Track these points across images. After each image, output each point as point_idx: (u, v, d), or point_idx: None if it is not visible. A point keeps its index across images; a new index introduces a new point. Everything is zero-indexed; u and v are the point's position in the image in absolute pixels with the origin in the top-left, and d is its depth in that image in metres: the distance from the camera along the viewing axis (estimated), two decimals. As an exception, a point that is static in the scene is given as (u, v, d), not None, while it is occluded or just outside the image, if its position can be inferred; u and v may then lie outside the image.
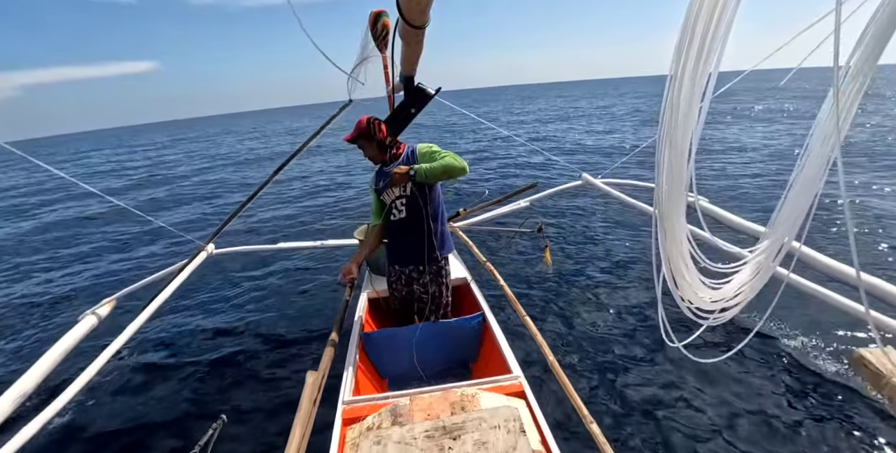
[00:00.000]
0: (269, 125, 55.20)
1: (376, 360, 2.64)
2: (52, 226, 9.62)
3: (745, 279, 1.38)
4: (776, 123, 16.21)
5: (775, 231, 1.31)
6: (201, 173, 16.29)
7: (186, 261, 3.78)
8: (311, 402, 1.93)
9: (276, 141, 29.23)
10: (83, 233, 8.80)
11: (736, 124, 16.37)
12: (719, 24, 0.91)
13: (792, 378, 2.97)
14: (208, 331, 4.28)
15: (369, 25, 2.80)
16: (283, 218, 8.67)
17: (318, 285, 5.12)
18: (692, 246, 1.22)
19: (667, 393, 2.89)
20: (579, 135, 16.72)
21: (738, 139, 13.02)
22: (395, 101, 3.18)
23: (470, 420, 1.60)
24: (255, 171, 15.40)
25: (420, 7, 1.31)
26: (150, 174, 17.53)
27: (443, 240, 2.59)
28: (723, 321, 1.36)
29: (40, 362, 2.66)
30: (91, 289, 5.87)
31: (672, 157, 1.04)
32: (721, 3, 0.89)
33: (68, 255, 7.50)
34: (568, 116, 26.79)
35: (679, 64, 0.96)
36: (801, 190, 1.20)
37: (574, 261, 5.13)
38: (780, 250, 1.29)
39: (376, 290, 3.14)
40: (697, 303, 1.31)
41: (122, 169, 20.74)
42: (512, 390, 1.98)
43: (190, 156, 23.86)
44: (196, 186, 13.22)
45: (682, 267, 1.21)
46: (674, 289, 1.24)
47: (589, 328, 3.72)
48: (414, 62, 2.51)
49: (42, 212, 11.22)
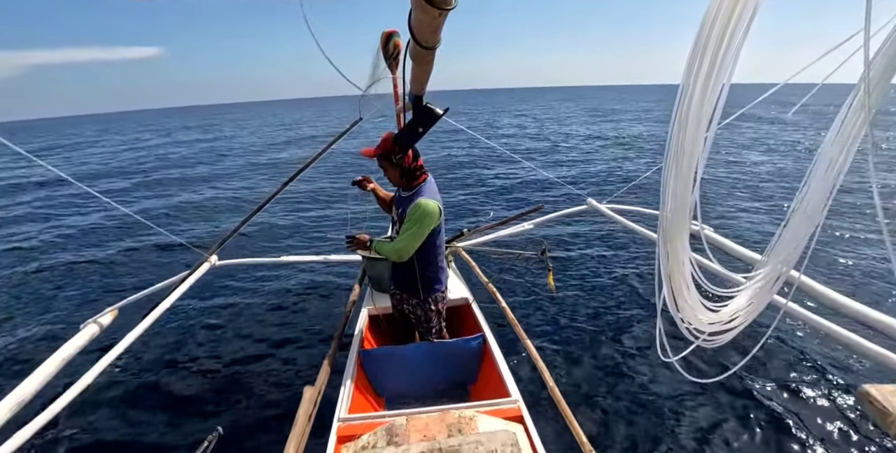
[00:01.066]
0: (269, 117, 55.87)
1: (374, 378, 2.61)
2: (57, 229, 9.67)
3: (741, 304, 1.38)
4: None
5: (773, 258, 1.32)
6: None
7: (189, 272, 3.78)
8: (306, 418, 1.91)
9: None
10: (89, 240, 8.84)
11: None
12: (727, 54, 0.92)
13: (799, 407, 2.92)
14: (208, 343, 4.26)
15: (381, 45, 2.87)
16: (288, 229, 8.69)
17: (319, 300, 5.10)
18: (694, 269, 1.23)
19: (671, 423, 2.84)
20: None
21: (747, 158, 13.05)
22: (403, 120, 3.23)
23: (467, 443, 1.57)
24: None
25: (431, 29, 1.33)
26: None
27: (430, 277, 2.45)
28: (719, 344, 1.37)
29: (40, 370, 2.64)
30: (92, 296, 5.87)
31: (677, 185, 1.05)
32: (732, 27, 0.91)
33: (71, 261, 7.53)
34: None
35: (687, 92, 0.98)
36: (801, 217, 1.21)
37: (577, 286, 5.10)
38: (777, 278, 1.29)
39: (377, 307, 3.13)
40: (696, 324, 1.32)
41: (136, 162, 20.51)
42: (510, 414, 1.95)
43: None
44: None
45: (683, 289, 1.21)
46: (674, 310, 1.25)
47: (590, 353, 3.68)
48: (423, 82, 2.55)
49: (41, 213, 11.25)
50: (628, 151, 15.96)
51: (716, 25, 0.91)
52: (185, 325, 4.67)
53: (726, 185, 10.12)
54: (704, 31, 0.92)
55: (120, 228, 9.46)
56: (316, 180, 13.10)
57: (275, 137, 28.54)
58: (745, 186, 9.99)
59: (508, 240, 5.11)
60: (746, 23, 0.90)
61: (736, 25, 0.90)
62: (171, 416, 3.14)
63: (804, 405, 2.98)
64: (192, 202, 11.65)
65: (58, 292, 6.21)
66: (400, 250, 2.25)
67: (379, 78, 3.01)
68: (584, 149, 17.06)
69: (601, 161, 14.11)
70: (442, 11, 1.16)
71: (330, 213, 9.80)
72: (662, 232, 1.14)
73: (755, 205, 8.23)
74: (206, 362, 3.87)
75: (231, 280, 5.80)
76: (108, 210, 10.65)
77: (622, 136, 20.10)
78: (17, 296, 6.21)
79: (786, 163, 12.70)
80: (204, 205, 11.31)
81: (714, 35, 0.91)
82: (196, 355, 4.03)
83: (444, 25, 1.31)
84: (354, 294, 3.26)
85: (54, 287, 6.44)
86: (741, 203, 8.40)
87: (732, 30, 0.91)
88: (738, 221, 7.42)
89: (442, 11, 1.16)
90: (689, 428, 2.77)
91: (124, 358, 3.77)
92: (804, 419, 2.86)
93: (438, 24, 1.28)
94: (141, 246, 8.13)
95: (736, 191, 9.58)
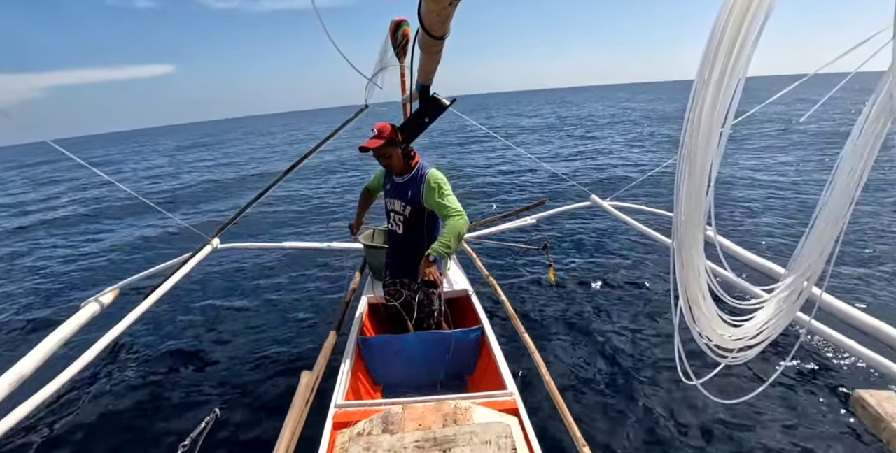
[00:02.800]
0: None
1: (372, 366, 2.63)
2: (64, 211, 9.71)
3: (767, 317, 1.31)
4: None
5: (798, 268, 1.26)
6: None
7: (191, 254, 3.81)
8: (303, 403, 1.93)
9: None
10: (93, 221, 8.88)
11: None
12: (740, 57, 0.89)
13: (793, 408, 2.92)
14: (207, 325, 4.29)
15: (390, 33, 2.84)
16: (291, 215, 8.70)
17: (319, 286, 5.12)
18: (710, 279, 1.16)
19: (665, 421, 2.85)
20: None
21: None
22: (409, 110, 3.21)
23: (461, 433, 1.58)
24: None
25: (441, 18, 1.32)
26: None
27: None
28: (745, 360, 1.30)
29: (40, 347, 2.68)
30: (94, 276, 5.91)
31: (690, 189, 1.00)
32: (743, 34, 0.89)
33: (75, 241, 7.57)
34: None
35: (700, 91, 0.95)
36: (824, 228, 1.15)
37: (577, 281, 5.10)
38: (802, 290, 1.24)
39: (377, 295, 3.14)
40: (716, 340, 1.25)
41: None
42: (505, 406, 1.97)
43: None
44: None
45: (700, 300, 1.15)
46: (692, 323, 1.18)
47: (587, 349, 3.68)
48: (431, 72, 2.53)
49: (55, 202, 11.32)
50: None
51: (731, 18, 0.88)
52: (186, 307, 4.70)
53: (741, 188, 9.83)
54: (720, 23, 0.90)
55: (123, 210, 9.49)
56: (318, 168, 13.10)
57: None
58: (760, 189, 9.68)
59: (510, 233, 5.11)
60: (764, 14, 0.86)
61: (753, 18, 0.87)
62: (169, 398, 3.16)
63: (798, 406, 2.99)
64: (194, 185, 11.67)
65: (59, 272, 6.26)
66: (459, 217, 2.28)
67: (386, 65, 2.99)
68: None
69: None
70: (452, 1, 1.15)
71: (332, 202, 9.81)
72: (677, 238, 1.07)
73: (767, 212, 7.98)
74: (205, 344, 3.90)
75: (233, 263, 5.82)
76: (111, 191, 10.67)
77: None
78: (17, 274, 6.25)
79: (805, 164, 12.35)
80: (208, 189, 11.33)
81: (730, 28, 0.88)
82: (195, 337, 4.06)
83: (454, 15, 1.30)
84: (355, 282, 3.27)
85: (55, 266, 6.48)
86: (752, 209, 8.16)
87: (749, 22, 0.88)
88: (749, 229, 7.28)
89: (452, 1, 1.15)
90: (682, 425, 2.78)
91: (124, 338, 3.80)
92: (799, 421, 2.86)
93: (448, 14, 1.27)
94: (144, 227, 8.17)
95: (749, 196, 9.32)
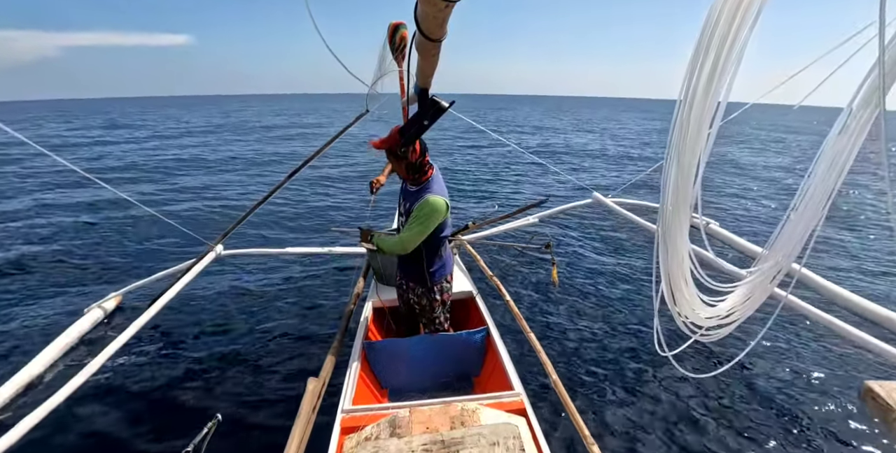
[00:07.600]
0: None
1: (378, 370, 2.63)
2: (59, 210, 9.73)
3: (739, 299, 1.38)
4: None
5: (773, 254, 1.31)
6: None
7: (194, 261, 3.82)
8: (310, 409, 1.93)
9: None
10: (93, 226, 8.89)
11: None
12: (732, 48, 0.91)
13: (800, 401, 2.92)
14: (211, 332, 4.28)
15: (388, 37, 2.84)
16: (294, 219, 8.71)
17: (324, 291, 5.11)
18: (693, 263, 1.22)
19: (672, 415, 2.84)
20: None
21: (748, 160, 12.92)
22: (409, 113, 3.22)
23: (469, 435, 1.58)
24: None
25: (437, 21, 1.32)
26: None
27: (436, 268, 2.49)
28: (717, 338, 1.37)
29: (45, 352, 2.69)
30: (96, 282, 5.92)
31: (678, 178, 1.05)
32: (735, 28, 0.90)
33: (76, 246, 7.58)
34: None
35: (690, 86, 0.97)
36: (802, 213, 1.20)
37: (581, 279, 5.10)
38: (777, 273, 1.29)
39: (381, 299, 3.14)
40: (693, 318, 1.32)
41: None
42: (513, 407, 1.96)
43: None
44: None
45: (681, 283, 1.21)
46: (671, 303, 1.25)
47: (593, 347, 3.68)
48: (429, 75, 2.53)
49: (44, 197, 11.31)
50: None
51: (721, 20, 0.90)
52: (189, 313, 4.70)
53: (730, 181, 10.01)
54: (708, 26, 0.92)
55: (124, 216, 9.50)
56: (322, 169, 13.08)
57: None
58: (750, 180, 9.86)
59: (513, 233, 5.11)
60: (753, 18, 0.88)
61: (742, 20, 0.89)
62: (173, 405, 3.16)
63: (805, 399, 2.98)
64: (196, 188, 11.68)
65: (61, 277, 6.26)
66: (404, 243, 2.26)
67: (386, 72, 3.00)
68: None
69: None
70: (448, 3, 1.15)
71: (335, 204, 9.82)
72: (662, 226, 1.14)
73: (760, 201, 8.13)
74: (210, 351, 3.90)
75: (236, 270, 5.83)
76: (113, 199, 10.70)
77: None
78: (19, 280, 6.26)
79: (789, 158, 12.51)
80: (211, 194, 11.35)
81: (719, 30, 0.90)
82: (200, 344, 4.06)
83: (450, 18, 1.30)
84: (359, 286, 3.27)
85: (58, 272, 6.48)
86: (745, 198, 8.29)
87: (738, 24, 0.90)
88: (743, 216, 7.36)
89: (448, 3, 1.15)
90: (690, 423, 2.78)
91: (129, 345, 3.81)
92: (805, 413, 2.86)
93: (444, 17, 1.27)
94: (146, 234, 8.18)
95: (740, 186, 9.48)
